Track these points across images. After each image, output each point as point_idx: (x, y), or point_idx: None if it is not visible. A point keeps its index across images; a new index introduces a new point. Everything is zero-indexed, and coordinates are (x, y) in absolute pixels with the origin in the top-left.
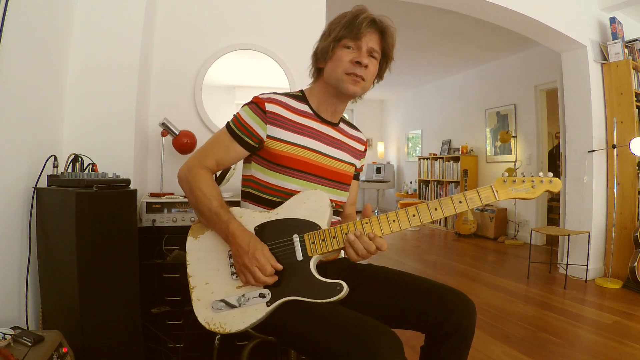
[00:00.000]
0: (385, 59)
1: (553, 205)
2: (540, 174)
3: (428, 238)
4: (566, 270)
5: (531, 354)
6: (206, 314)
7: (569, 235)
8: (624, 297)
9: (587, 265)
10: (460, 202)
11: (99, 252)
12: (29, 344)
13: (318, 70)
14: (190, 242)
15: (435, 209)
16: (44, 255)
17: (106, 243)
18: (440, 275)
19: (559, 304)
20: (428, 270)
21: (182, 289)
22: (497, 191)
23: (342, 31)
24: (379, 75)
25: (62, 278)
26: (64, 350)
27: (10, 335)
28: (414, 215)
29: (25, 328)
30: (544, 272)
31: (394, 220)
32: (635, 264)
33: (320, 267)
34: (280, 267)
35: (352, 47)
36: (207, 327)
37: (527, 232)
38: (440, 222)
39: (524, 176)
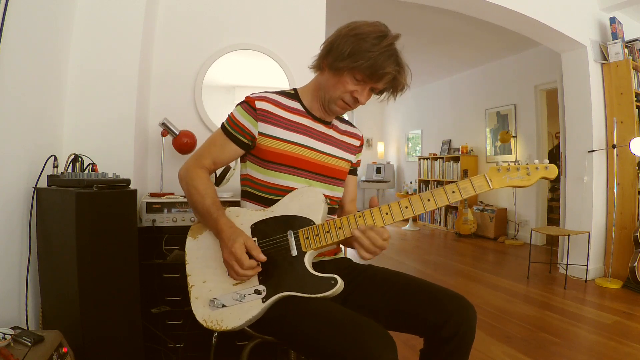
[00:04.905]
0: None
1: (553, 205)
2: (536, 160)
3: (428, 238)
4: (566, 270)
5: (531, 354)
6: (204, 312)
7: (569, 235)
8: (624, 297)
9: (587, 265)
10: (453, 191)
11: (99, 252)
12: (29, 344)
13: (321, 63)
14: (190, 242)
15: (428, 200)
16: (44, 255)
17: (106, 243)
18: (440, 275)
19: (559, 304)
20: (428, 270)
21: (182, 289)
22: (490, 180)
23: (363, 64)
24: None
25: (62, 278)
26: (64, 350)
27: (10, 335)
28: (406, 207)
29: (25, 328)
30: (544, 272)
31: (386, 213)
32: (635, 264)
33: (319, 266)
34: (262, 257)
35: (360, 81)
36: (204, 324)
37: (527, 232)
38: (440, 222)
39: (518, 164)
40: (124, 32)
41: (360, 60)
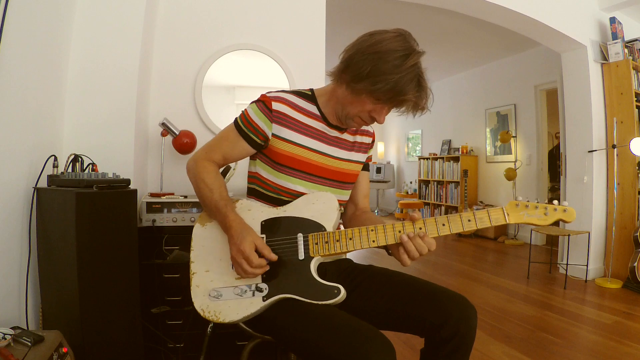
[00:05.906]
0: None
1: None
2: (555, 201)
3: None
4: (566, 270)
5: (531, 354)
6: (202, 301)
7: (569, 235)
8: (624, 297)
9: (587, 265)
10: (469, 220)
11: (99, 252)
12: (29, 344)
13: (340, 77)
14: (197, 229)
15: (443, 225)
16: (44, 255)
17: (106, 243)
18: (440, 275)
19: (559, 304)
20: (428, 270)
21: (182, 289)
22: (508, 214)
23: (383, 88)
24: None
25: (62, 278)
26: (64, 350)
27: (10, 335)
28: (420, 228)
29: (25, 328)
30: (544, 272)
31: (399, 231)
32: (635, 264)
33: (320, 267)
34: (274, 257)
35: (380, 101)
36: (201, 314)
37: (527, 232)
38: None
39: (537, 202)
40: (124, 32)
41: (380, 83)
